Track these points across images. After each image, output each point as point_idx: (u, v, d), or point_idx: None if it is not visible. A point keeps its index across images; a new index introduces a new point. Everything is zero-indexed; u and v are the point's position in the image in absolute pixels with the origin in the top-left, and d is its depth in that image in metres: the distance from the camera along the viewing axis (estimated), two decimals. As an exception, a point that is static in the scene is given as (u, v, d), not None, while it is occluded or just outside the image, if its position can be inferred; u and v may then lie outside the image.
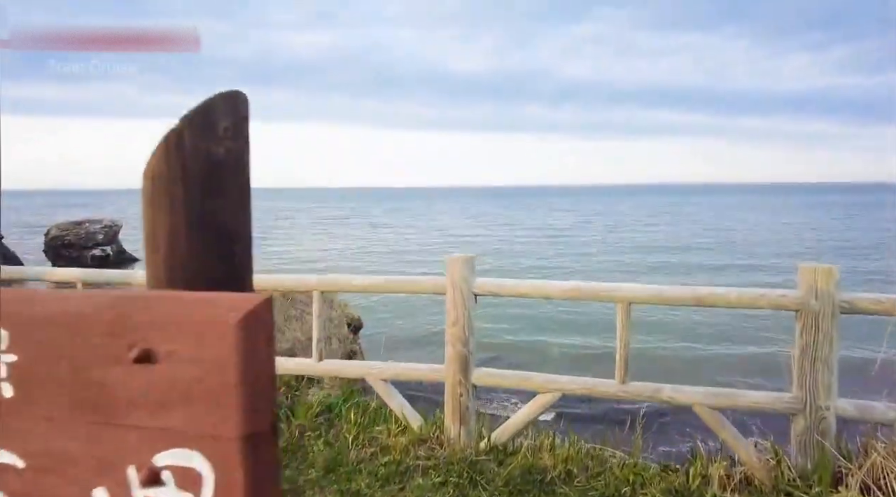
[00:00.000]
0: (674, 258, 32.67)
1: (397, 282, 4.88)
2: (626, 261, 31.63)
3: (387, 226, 64.76)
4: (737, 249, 36.36)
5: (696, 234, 46.70)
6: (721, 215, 75.11)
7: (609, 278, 25.47)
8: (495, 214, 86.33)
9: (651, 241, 41.57)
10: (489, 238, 47.03)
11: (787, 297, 3.90)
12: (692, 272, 27.79)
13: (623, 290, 4.28)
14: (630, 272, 27.59)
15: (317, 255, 37.13)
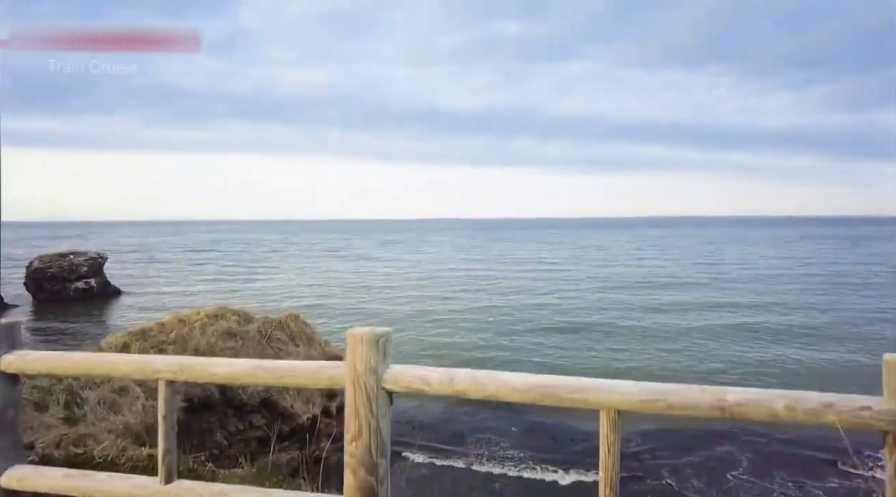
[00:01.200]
0: (669, 295, 32.03)
1: (275, 370, 3.04)
2: (619, 299, 30.90)
3: (377, 259, 64.43)
4: (734, 286, 35.74)
5: (690, 270, 46.45)
6: (713, 249, 75.27)
7: (604, 317, 24.98)
8: (486, 247, 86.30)
9: (645, 277, 41.10)
10: (480, 272, 46.63)
11: (874, 412, 2.18)
12: (689, 311, 27.05)
13: (609, 391, 2.54)
14: (624, 310, 27.08)
15: (300, 291, 36.67)
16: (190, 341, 8.94)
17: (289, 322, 10.89)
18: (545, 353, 19.10)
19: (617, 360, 18.19)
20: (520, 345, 20.18)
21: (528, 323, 24.06)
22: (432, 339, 21.11)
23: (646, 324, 23.74)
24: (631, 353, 19.17)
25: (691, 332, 21.83)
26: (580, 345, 20.39)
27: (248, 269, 51.53)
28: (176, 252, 78.30)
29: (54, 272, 35.69)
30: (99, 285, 36.95)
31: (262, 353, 10.00)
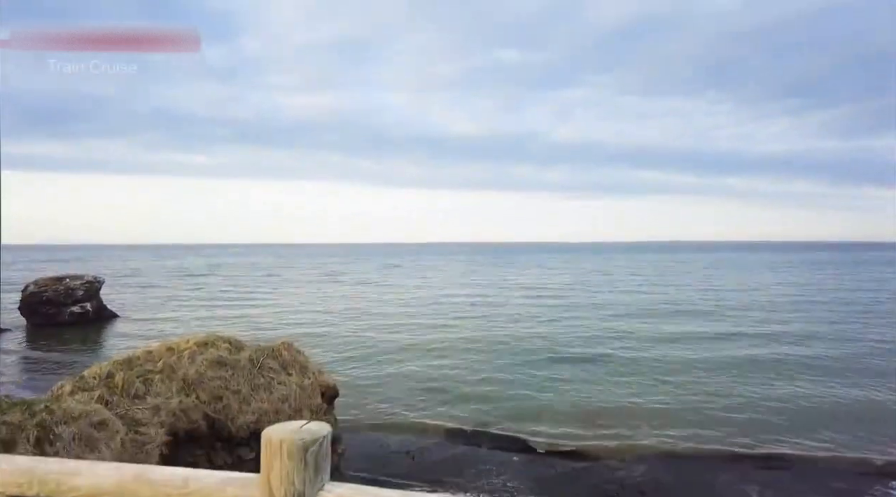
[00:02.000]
0: (674, 324, 31.04)
1: (157, 485, 1.96)
2: (623, 328, 29.80)
3: (375, 284, 64.03)
4: (738, 315, 34.89)
5: (693, 297, 45.69)
6: (714, 275, 74.49)
7: (609, 347, 24.03)
8: (486, 272, 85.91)
9: (648, 305, 40.18)
10: (481, 299, 46.14)
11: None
12: (696, 341, 26.10)
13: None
14: (629, 340, 26.19)
15: (296, 318, 36.21)
16: (178, 370, 8.61)
17: (281, 350, 10.55)
18: (553, 387, 18.18)
19: (626, 395, 17.42)
20: (525, 378, 19.24)
21: (531, 353, 23.16)
22: (431, 372, 20.22)
23: (652, 355, 22.88)
24: (639, 387, 18.35)
25: (701, 366, 20.96)
26: (588, 377, 19.56)
27: (244, 295, 51.07)
28: (173, 276, 77.92)
29: (50, 296, 35.27)
30: (95, 310, 36.50)
31: (253, 382, 9.64)
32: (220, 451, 8.32)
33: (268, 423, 9.11)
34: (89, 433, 5.62)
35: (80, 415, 5.83)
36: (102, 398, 7.13)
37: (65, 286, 37.21)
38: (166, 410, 7.45)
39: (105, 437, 5.76)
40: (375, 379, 19.39)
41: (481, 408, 16.05)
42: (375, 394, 17.59)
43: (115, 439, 5.85)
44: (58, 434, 5.36)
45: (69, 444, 5.33)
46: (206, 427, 8.20)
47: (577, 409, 16.18)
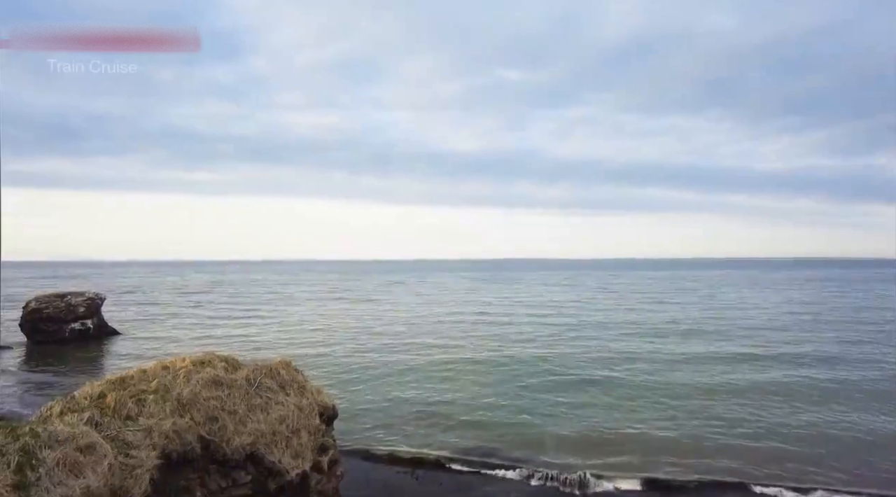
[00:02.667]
0: (684, 345, 29.95)
1: None
2: (632, 349, 28.71)
3: (377, 301, 63.70)
4: (747, 334, 33.94)
5: (699, 315, 44.80)
6: (719, 293, 73.56)
7: (619, 371, 23.24)
8: (490, 290, 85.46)
9: (655, 324, 39.23)
10: (485, 318, 45.63)
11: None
12: (708, 364, 25.00)
13: None
14: (638, 361, 25.23)
15: (296, 336, 35.89)
16: (173, 390, 8.35)
17: (279, 369, 10.29)
18: (558, 413, 17.45)
19: (633, 421, 16.67)
20: (529, 403, 18.52)
21: (535, 376, 22.46)
22: (434, 395, 19.59)
23: (660, 378, 22.12)
24: (646, 412, 17.55)
25: (710, 390, 20.21)
26: (593, 401, 18.83)
27: (245, 312, 50.84)
28: (175, 293, 77.76)
29: (51, 313, 35.11)
30: (96, 326, 36.30)
31: (250, 402, 9.36)
32: (213, 474, 8.03)
33: (264, 446, 8.76)
34: (75, 458, 5.38)
35: (66, 438, 5.60)
36: (93, 420, 6.89)
37: (66, 303, 37.05)
38: (159, 432, 7.20)
39: (91, 462, 5.51)
40: (376, 402, 18.91)
41: (484, 434, 15.54)
42: (376, 418, 17.12)
43: (103, 464, 5.60)
44: (41, 459, 5.12)
45: (52, 469, 5.09)
46: (201, 449, 7.92)
47: (582, 436, 15.54)
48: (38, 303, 35.72)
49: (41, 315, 34.94)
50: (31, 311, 35.18)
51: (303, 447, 9.75)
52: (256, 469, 8.78)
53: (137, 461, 6.37)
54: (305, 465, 9.57)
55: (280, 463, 9.08)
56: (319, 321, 43.26)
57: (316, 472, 9.83)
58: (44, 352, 31.16)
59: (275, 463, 8.98)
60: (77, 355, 29.88)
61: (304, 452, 9.66)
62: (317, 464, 9.90)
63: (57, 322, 34.93)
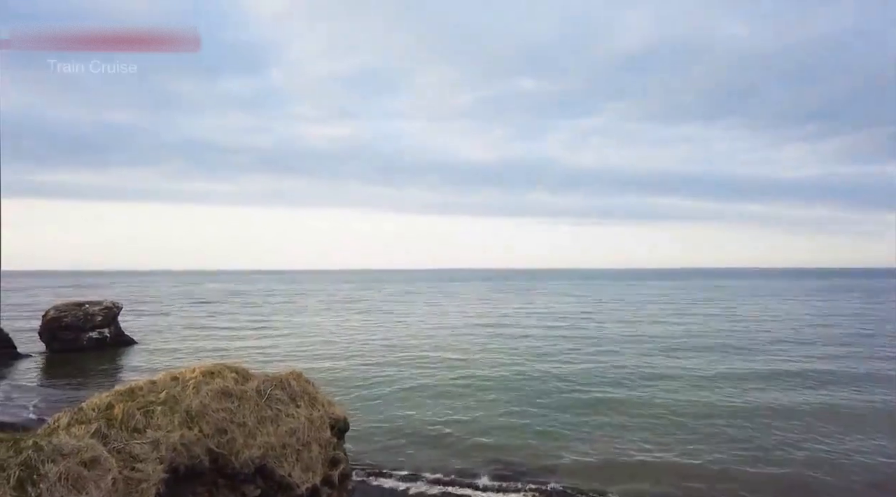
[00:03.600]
0: (707, 361, 28.65)
1: None
2: (656, 364, 27.58)
3: (389, 313, 63.58)
4: (775, 349, 32.47)
5: (723, 327, 43.32)
6: (741, 303, 71.63)
7: (642, 390, 22.15)
8: (504, 300, 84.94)
9: (679, 337, 37.85)
10: (500, 331, 45.15)
11: None
12: (740, 382, 23.55)
13: None
14: (662, 379, 24.04)
15: (309, 348, 35.76)
16: (181, 401, 8.21)
17: (290, 380, 10.11)
18: (573, 435, 16.58)
19: (653, 447, 15.62)
20: (544, 424, 17.75)
21: (551, 395, 21.63)
22: (447, 414, 18.97)
23: (687, 399, 20.92)
24: (667, 436, 16.48)
25: (743, 412, 19.02)
26: (611, 422, 17.92)
27: (258, 323, 50.99)
28: (191, 303, 78.38)
29: (69, 321, 35.46)
30: (113, 335, 36.59)
31: (260, 414, 9.19)
32: (222, 488, 7.85)
33: (274, 459, 8.54)
34: (78, 472, 5.23)
35: (70, 451, 5.46)
36: (100, 431, 6.75)
37: (84, 311, 37.42)
38: (166, 445, 7.04)
39: (95, 476, 5.36)
40: (389, 419, 18.46)
41: (497, 456, 14.99)
42: (389, 436, 16.68)
43: (107, 478, 5.44)
44: (43, 473, 4.98)
45: (54, 484, 4.95)
46: (209, 462, 7.75)
47: (599, 460, 14.73)
48: (57, 311, 36.11)
49: (60, 324, 35.29)
50: (51, 319, 35.56)
51: (313, 460, 9.54)
52: (266, 483, 8.58)
53: (143, 475, 6.21)
54: (316, 479, 9.36)
55: (290, 477, 8.88)
56: (332, 332, 43.18)
57: (326, 486, 9.61)
58: (61, 360, 31.44)
59: (285, 477, 8.78)
60: (93, 365, 30.06)
61: (315, 466, 9.46)
62: (327, 478, 9.68)
63: (75, 331, 35.27)
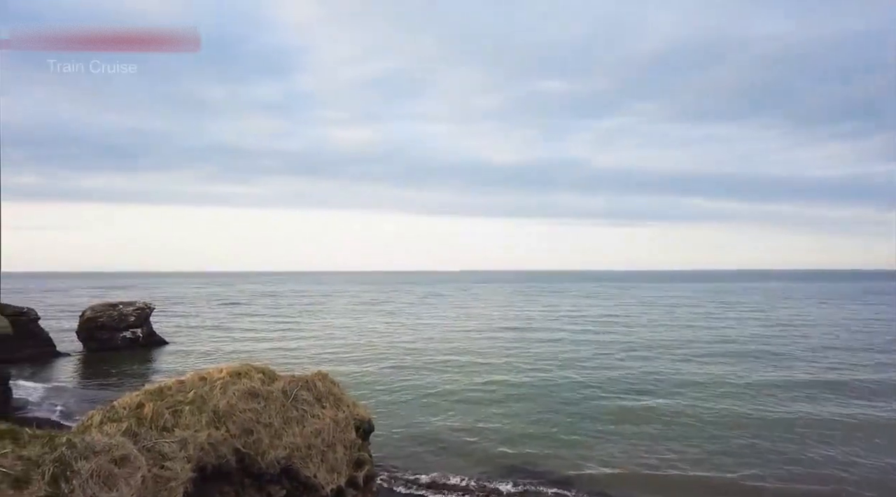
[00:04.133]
0: (748, 368, 27.21)
1: None
2: (692, 372, 26.28)
3: (416, 315, 63.71)
4: (815, 356, 30.76)
5: (759, 334, 41.08)
6: (774, 307, 69.29)
7: (680, 398, 21.08)
8: (532, 302, 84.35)
9: (713, 342, 36.39)
10: (528, 335, 44.62)
11: None
12: (777, 391, 22.34)
13: None
14: (699, 387, 22.98)
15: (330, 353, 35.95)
16: (209, 401, 8.33)
17: (316, 381, 10.19)
18: (604, 448, 15.85)
19: (687, 461, 14.82)
20: (574, 433, 17.16)
21: (580, 403, 20.94)
22: (474, 422, 18.55)
23: (721, 408, 19.89)
24: (707, 447, 15.68)
25: (780, 424, 17.96)
26: (647, 433, 17.12)
27: (285, 324, 51.69)
28: (220, 304, 79.84)
29: (104, 321, 36.48)
30: (145, 335, 37.51)
31: (286, 415, 9.27)
32: (248, 488, 7.94)
33: (300, 459, 8.59)
34: (109, 469, 5.35)
35: (101, 449, 5.58)
36: (130, 430, 6.89)
37: (118, 312, 38.46)
38: (194, 444, 7.15)
39: (125, 474, 5.47)
40: (415, 424, 18.25)
41: (521, 465, 14.61)
42: (413, 441, 16.47)
43: (136, 476, 5.55)
44: (76, 470, 5.11)
45: (86, 481, 5.06)
46: (236, 462, 7.85)
47: (626, 472, 14.06)
48: (93, 312, 37.20)
49: (96, 324, 36.36)
50: (87, 320, 36.65)
51: (338, 462, 9.59)
52: (291, 483, 8.65)
53: (172, 473, 6.32)
54: (341, 480, 9.41)
55: (315, 478, 8.94)
56: (358, 335, 43.47)
57: (351, 487, 9.65)
58: (97, 359, 32.35)
59: (310, 478, 8.84)
60: (125, 363, 30.85)
61: (340, 467, 9.50)
62: (352, 479, 9.72)
63: (110, 331, 36.28)
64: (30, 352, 31.79)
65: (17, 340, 29.40)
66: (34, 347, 32.62)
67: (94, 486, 5.09)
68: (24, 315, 32.88)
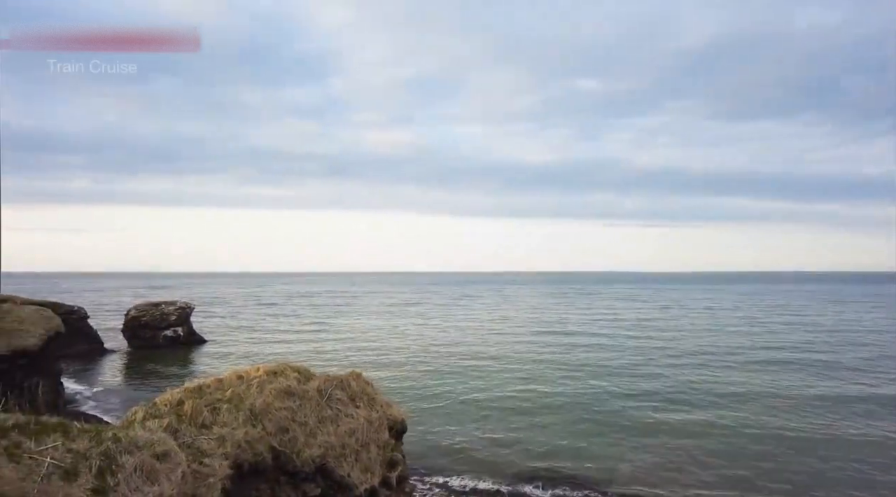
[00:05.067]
0: (816, 382, 25.06)
1: None
2: (743, 385, 24.16)
3: (453, 316, 63.74)
4: (878, 365, 28.77)
5: (813, 341, 38.40)
6: (825, 312, 65.31)
7: (712, 417, 19.46)
8: (568, 304, 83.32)
9: (759, 347, 34.49)
10: (564, 341, 43.93)
11: None
12: (841, 406, 20.53)
13: None
14: (760, 402, 21.12)
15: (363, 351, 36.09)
16: (246, 400, 8.53)
17: (350, 381, 10.32)
18: (647, 469, 14.77)
19: (753, 492, 13.50)
20: (612, 452, 16.07)
21: (620, 416, 19.66)
22: (507, 433, 17.88)
23: (787, 427, 18.14)
24: (770, 475, 14.23)
25: (860, 448, 16.30)
26: (688, 452, 15.90)
27: (320, 324, 52.44)
28: (258, 304, 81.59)
29: (147, 320, 37.80)
30: (185, 334, 38.66)
31: (321, 414, 9.41)
32: (284, 486, 8.08)
33: (334, 459, 8.71)
34: (151, 464, 5.53)
35: (144, 444, 5.78)
36: (171, 426, 7.11)
37: (160, 311, 39.79)
38: (231, 441, 7.33)
39: (166, 469, 5.65)
40: (445, 432, 17.77)
41: (550, 479, 13.92)
42: (443, 448, 16.14)
43: (177, 472, 5.73)
44: (121, 464, 5.30)
45: (130, 475, 5.25)
46: (271, 460, 8.00)
47: (662, 495, 13.05)
48: (137, 311, 38.58)
49: (139, 322, 37.72)
50: (131, 318, 38.04)
51: (372, 462, 9.68)
52: (326, 482, 8.78)
53: (210, 470, 6.48)
54: (374, 480, 9.50)
55: (349, 477, 9.05)
56: (393, 336, 43.77)
57: (385, 487, 9.73)
58: (140, 356, 33.50)
59: (344, 477, 8.95)
60: (167, 361, 31.84)
61: (374, 467, 9.59)
62: (385, 479, 9.80)
63: (152, 329, 37.58)
64: (80, 348, 33.16)
65: (69, 338, 30.66)
66: (84, 344, 34.03)
67: (137, 480, 5.27)
68: (75, 314, 34.31)
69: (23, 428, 5.43)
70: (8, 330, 16.94)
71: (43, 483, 4.58)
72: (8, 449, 4.96)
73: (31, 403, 16.91)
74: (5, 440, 5.11)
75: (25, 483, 4.55)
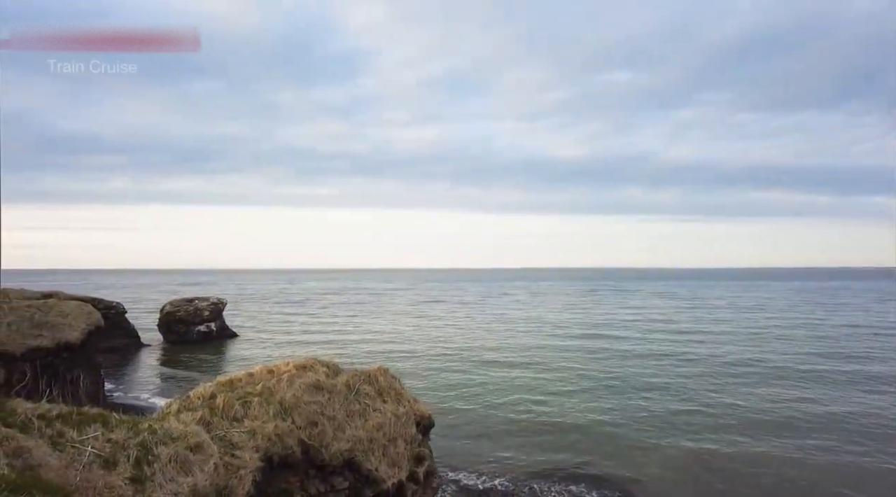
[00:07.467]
0: (870, 400, 21.54)
1: None
2: (789, 409, 20.23)
3: (484, 315, 63.65)
4: None
5: (881, 346, 34.35)
6: (882, 312, 59.59)
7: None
8: (599, 301, 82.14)
9: (819, 358, 29.95)
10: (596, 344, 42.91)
11: None
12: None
13: None
14: (806, 429, 17.96)
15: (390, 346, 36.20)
16: (276, 393, 8.72)
17: (378, 376, 10.44)
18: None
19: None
20: (653, 478, 14.20)
21: (651, 441, 17.05)
22: (533, 455, 15.90)
23: (840, 459, 15.71)
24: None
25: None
26: (750, 491, 13.44)
27: (349, 319, 53.07)
28: (287, 300, 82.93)
29: (181, 315, 38.86)
30: (218, 329, 39.64)
31: (349, 408, 9.55)
32: (313, 479, 8.23)
33: (362, 453, 8.84)
34: (185, 456, 5.72)
35: (178, 436, 5.97)
36: (204, 419, 7.32)
37: (194, 307, 40.88)
38: (262, 434, 7.50)
39: (199, 461, 5.83)
40: (471, 433, 17.31)
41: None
42: (471, 448, 15.77)
43: (209, 463, 5.91)
44: (156, 455, 5.50)
45: (165, 466, 5.44)
46: (301, 453, 8.16)
47: None
48: (172, 306, 39.70)
49: (174, 317, 38.82)
50: (167, 313, 39.18)
51: (399, 456, 9.79)
52: (354, 476, 8.91)
53: (241, 462, 6.66)
54: (402, 474, 9.59)
55: (377, 471, 9.16)
56: (422, 332, 44.01)
57: (412, 482, 9.82)
58: (175, 350, 34.48)
59: (371, 471, 9.07)
60: (200, 355, 32.70)
61: (401, 462, 9.70)
62: (413, 474, 9.89)
63: (186, 324, 38.65)
64: (118, 342, 34.33)
65: (107, 332, 31.82)
66: (122, 339, 35.21)
67: (171, 470, 5.46)
68: (114, 309, 35.50)
69: (66, 418, 5.68)
70: (53, 324, 17.66)
71: (84, 471, 4.79)
72: (52, 438, 5.21)
73: (73, 395, 17.61)
74: (49, 430, 5.36)
75: (68, 471, 4.77)
